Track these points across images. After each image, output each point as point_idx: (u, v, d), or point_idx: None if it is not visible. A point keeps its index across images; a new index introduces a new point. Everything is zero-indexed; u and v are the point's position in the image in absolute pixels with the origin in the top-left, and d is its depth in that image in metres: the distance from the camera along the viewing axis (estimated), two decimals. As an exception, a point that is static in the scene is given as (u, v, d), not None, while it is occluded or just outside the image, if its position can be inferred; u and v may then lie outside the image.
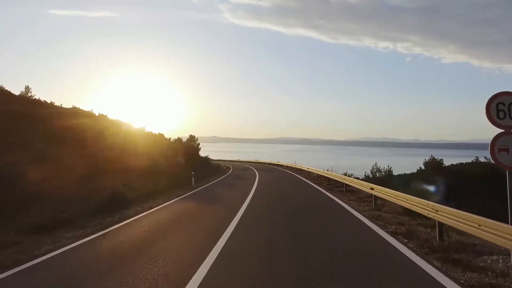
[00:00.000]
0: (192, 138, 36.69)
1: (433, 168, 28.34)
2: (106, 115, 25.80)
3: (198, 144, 37.46)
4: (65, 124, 18.19)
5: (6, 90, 20.48)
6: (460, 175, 25.70)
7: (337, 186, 16.25)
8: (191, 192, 16.04)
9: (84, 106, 26.12)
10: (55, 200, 10.64)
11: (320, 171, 21.19)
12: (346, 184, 14.17)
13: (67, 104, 25.31)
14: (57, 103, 24.14)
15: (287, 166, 37.30)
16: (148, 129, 31.13)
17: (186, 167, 25.27)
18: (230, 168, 38.61)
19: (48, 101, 23.60)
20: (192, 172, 19.80)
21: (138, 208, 11.33)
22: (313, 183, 19.17)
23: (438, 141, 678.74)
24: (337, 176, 15.92)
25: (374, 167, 22.93)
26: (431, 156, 30.83)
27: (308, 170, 25.97)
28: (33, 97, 21.85)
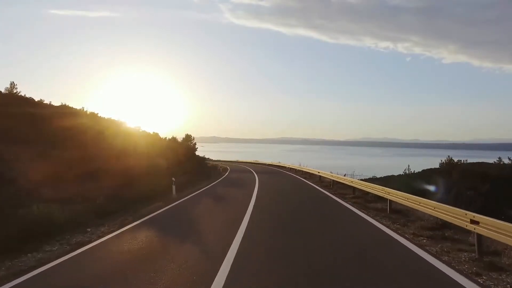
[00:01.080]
0: (188, 137, 33.26)
1: (459, 171, 23.96)
2: (97, 113, 23.30)
3: (195, 144, 33.54)
4: (45, 122, 16.90)
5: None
6: (486, 178, 21.32)
7: (369, 201, 11.56)
8: (165, 208, 11.32)
9: (77, 105, 24.12)
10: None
11: (339, 177, 16.52)
12: (390, 201, 9.42)
13: (58, 102, 23.64)
14: (46, 101, 23.00)
15: (290, 168, 32.48)
16: (144, 128, 28.88)
17: (178, 169, 22.00)
18: (227, 171, 33.64)
19: (36, 99, 22.30)
20: (173, 179, 15.18)
21: (52, 249, 6.54)
22: (332, 194, 14.31)
23: (438, 141, 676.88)
24: (372, 187, 11.15)
25: (407, 170, 18.68)
26: (448, 156, 27.03)
27: (319, 174, 21.03)
28: (19, 94, 20.78)
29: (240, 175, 28.19)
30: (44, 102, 22.26)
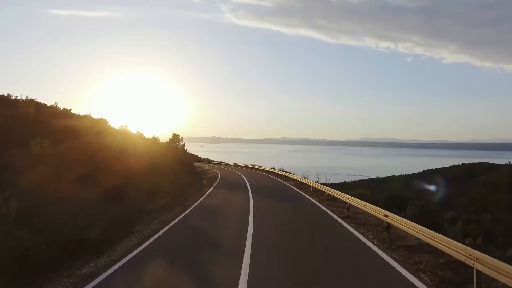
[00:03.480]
0: (175, 137, 30.20)
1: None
2: (70, 110, 22.93)
3: (183, 145, 31.31)
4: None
5: None
6: None
7: None
8: None
9: (48, 100, 23.36)
10: None
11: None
12: None
13: (47, 100, 22.46)
14: (22, 97, 22.27)
15: (303, 183, 20.93)
16: (132, 128, 27.82)
17: (147, 179, 16.32)
18: (214, 182, 24.47)
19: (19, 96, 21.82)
20: None
21: None
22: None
23: (438, 141, 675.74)
24: None
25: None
26: (510, 162, 25.01)
27: (387, 220, 8.89)
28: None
29: (227, 196, 18.11)
30: (12, 97, 21.40)
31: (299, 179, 22.32)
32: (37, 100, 22.56)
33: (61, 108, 22.84)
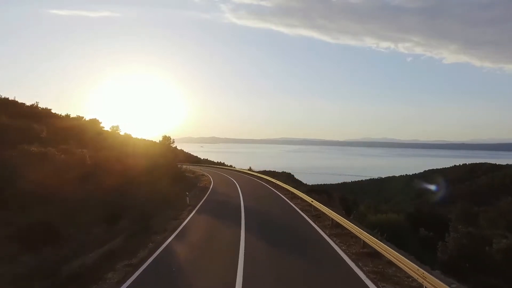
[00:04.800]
0: (166, 139, 28.87)
1: None
2: (50, 109, 22.31)
3: (175, 148, 30.40)
4: None
5: None
6: None
7: None
8: None
9: (47, 101, 21.70)
10: None
11: None
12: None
13: (33, 100, 21.66)
14: None
15: (316, 207, 14.25)
16: (124, 130, 26.57)
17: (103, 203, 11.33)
18: (199, 201, 17.74)
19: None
20: None
21: None
22: None
23: (437, 142, 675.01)
24: None
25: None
26: None
27: None
28: None
29: (210, 235, 10.91)
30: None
31: (310, 201, 15.67)
32: (14, 99, 21.21)
33: (41, 107, 21.70)
